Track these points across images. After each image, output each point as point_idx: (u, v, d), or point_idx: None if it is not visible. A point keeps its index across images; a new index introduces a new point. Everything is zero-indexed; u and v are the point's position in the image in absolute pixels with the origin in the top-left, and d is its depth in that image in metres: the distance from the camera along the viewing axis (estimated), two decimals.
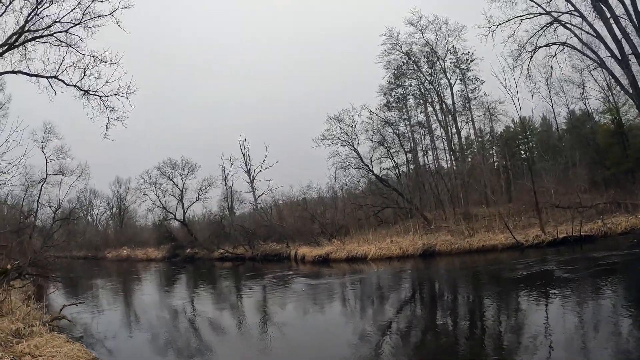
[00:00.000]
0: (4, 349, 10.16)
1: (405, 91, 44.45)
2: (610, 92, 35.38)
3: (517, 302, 15.05)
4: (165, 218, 56.80)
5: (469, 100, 42.63)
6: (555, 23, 30.09)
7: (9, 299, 14.85)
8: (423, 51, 41.93)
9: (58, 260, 26.97)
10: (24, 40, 18.76)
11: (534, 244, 25.59)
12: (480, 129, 45.18)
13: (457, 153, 42.30)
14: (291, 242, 40.19)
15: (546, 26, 30.21)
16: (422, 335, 12.67)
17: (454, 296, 18.08)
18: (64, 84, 19.65)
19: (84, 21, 19.13)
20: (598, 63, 30.10)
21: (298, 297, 21.14)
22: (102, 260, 63.31)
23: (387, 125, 42.59)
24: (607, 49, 28.70)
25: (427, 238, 30.74)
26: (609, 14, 27.82)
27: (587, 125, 39.75)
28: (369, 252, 30.97)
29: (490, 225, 30.00)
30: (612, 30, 27.84)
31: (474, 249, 27.40)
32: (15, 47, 18.67)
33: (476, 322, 13.26)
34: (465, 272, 23.21)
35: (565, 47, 30.67)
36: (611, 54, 28.57)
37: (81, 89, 19.95)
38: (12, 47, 18.51)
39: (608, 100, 36.28)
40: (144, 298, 27.24)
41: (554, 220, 27.62)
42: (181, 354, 13.23)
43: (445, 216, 35.42)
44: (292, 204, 48.74)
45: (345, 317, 16.34)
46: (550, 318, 12.12)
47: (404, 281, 23.22)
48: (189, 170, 54.83)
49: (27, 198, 38.41)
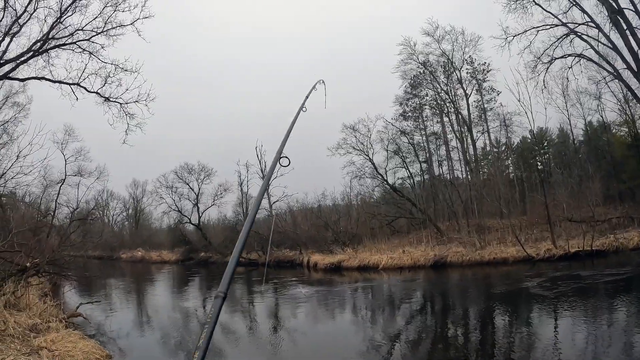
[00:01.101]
0: (22, 343, 10.55)
1: (421, 101, 44.70)
2: (627, 104, 35.30)
3: (527, 316, 15.17)
4: (181, 221, 57.45)
5: (484, 111, 42.76)
6: (572, 34, 30.07)
7: (27, 295, 15.29)
8: (440, 61, 42.20)
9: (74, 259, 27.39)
10: (47, 47, 19.28)
11: (545, 257, 25.59)
12: (496, 140, 45.23)
13: (472, 164, 42.32)
14: (304, 249, 40.39)
15: (562, 37, 30.22)
16: (431, 347, 12.86)
17: (463, 308, 18.21)
18: (85, 91, 20.24)
19: (106, 30, 19.66)
20: (614, 75, 30.11)
21: (309, 304, 21.37)
22: (116, 260, 63.87)
23: (403, 135, 42.88)
24: (624, 60, 28.72)
25: (439, 249, 30.84)
26: (625, 25, 27.86)
27: (603, 137, 39.63)
28: (380, 261, 31.11)
29: (503, 237, 30.03)
30: (629, 42, 27.85)
31: (485, 261, 27.47)
32: (39, 54, 19.20)
33: (485, 335, 13.45)
34: (475, 284, 23.36)
35: (582, 59, 30.66)
36: (627, 65, 28.57)
37: (102, 95, 20.49)
38: (36, 53, 19.04)
39: (624, 113, 36.22)
40: (156, 299, 27.67)
41: (567, 234, 27.55)
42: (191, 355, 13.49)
43: (458, 227, 35.48)
44: (306, 211, 48.91)
45: (355, 325, 16.54)
46: (560, 333, 12.27)
47: (415, 291, 23.38)
48: (205, 175, 55.45)
49: (46, 197, 39.00)
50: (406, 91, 44.32)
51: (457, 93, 42.86)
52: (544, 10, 30.21)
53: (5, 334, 10.78)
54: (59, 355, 9.62)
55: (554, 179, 38.95)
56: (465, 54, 41.63)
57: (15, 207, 34.28)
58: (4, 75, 19.05)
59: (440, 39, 41.10)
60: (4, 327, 11.24)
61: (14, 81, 35.07)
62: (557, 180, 36.72)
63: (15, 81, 35.04)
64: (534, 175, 44.50)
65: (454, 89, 42.86)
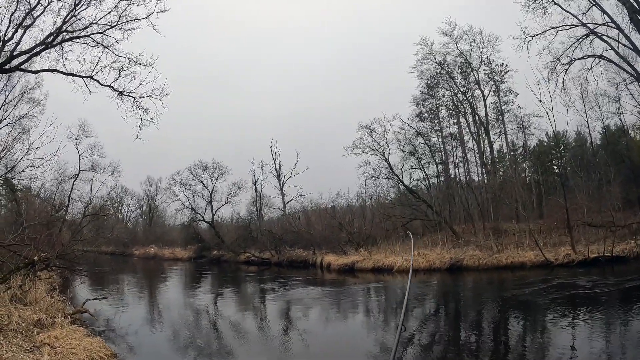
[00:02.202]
0: (24, 338, 10.35)
1: (438, 102, 44.21)
2: None
3: (544, 323, 14.65)
4: (194, 219, 57.23)
5: (502, 112, 42.12)
6: (592, 35, 29.27)
7: (34, 289, 15.11)
8: (457, 62, 41.66)
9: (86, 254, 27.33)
10: (61, 40, 19.08)
11: (564, 263, 24.98)
12: (513, 143, 44.57)
13: (488, 166, 41.75)
14: (318, 250, 40.04)
15: (582, 38, 29.40)
16: (443, 350, 12.51)
17: (480, 313, 17.72)
18: (98, 84, 20.00)
19: (120, 24, 19.40)
20: (634, 77, 29.36)
21: (321, 305, 21.06)
22: (129, 257, 64.23)
23: (419, 136, 42.35)
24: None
25: (455, 252, 30.31)
26: None
27: (622, 141, 38.87)
28: (395, 263, 30.61)
29: (520, 241, 29.45)
30: None
31: (502, 265, 26.88)
32: (52, 47, 19.00)
33: (498, 342, 13.01)
34: (493, 289, 22.82)
35: (602, 60, 29.90)
36: None
37: (116, 89, 20.26)
38: (49, 46, 18.84)
39: None
40: (168, 296, 27.55)
41: (586, 239, 26.90)
42: (201, 353, 13.31)
43: (475, 230, 34.92)
44: (320, 212, 48.59)
45: (367, 327, 16.27)
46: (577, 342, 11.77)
47: (430, 295, 22.94)
48: (219, 173, 55.14)
49: (59, 192, 39.21)
50: (422, 92, 43.94)
51: (474, 94, 42.34)
52: (563, 10, 29.45)
53: (8, 329, 10.54)
54: (61, 353, 9.33)
55: (572, 183, 38.22)
56: (482, 55, 41.10)
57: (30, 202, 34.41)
58: (17, 67, 18.86)
59: (458, 39, 40.63)
60: (8, 321, 11.01)
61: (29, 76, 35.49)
62: (576, 184, 35.96)
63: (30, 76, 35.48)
64: (551, 178, 43.82)
65: (471, 90, 42.33)
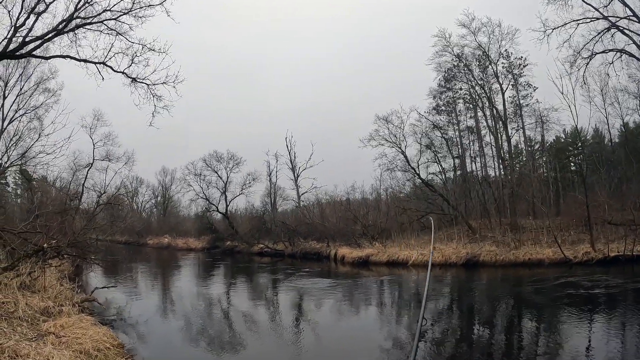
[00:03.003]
0: (30, 326, 10.18)
1: (455, 95, 43.61)
2: None
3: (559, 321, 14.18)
4: (208, 209, 57.28)
5: (520, 107, 41.41)
6: (613, 28, 28.50)
7: (43, 276, 14.98)
8: (475, 54, 40.92)
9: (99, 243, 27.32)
10: (74, 26, 18.85)
11: (583, 261, 24.46)
12: (529, 139, 43.84)
13: (506, 161, 41.15)
14: (332, 242, 39.81)
15: (603, 32, 28.60)
16: (456, 347, 12.22)
17: (495, 310, 17.34)
18: (112, 70, 19.75)
19: (134, 10, 19.12)
20: None
21: (334, 298, 20.87)
22: (143, 246, 64.77)
23: (436, 129, 41.80)
24: None
25: (471, 247, 29.89)
26: None
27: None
28: (410, 257, 30.29)
29: (537, 238, 28.94)
30: None
31: (519, 261, 26.38)
32: (65, 33, 18.78)
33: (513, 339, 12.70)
34: (509, 286, 22.35)
35: (623, 54, 29.17)
36: None
37: (129, 76, 20.01)
38: (62, 32, 18.62)
39: None
40: (180, 286, 27.51)
41: (605, 237, 26.24)
42: (212, 344, 13.23)
43: (491, 226, 34.46)
44: (335, 204, 48.43)
45: (380, 322, 16.00)
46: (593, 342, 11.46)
47: (446, 290, 22.56)
48: (234, 164, 55.17)
49: (74, 182, 39.51)
50: (440, 84, 43.33)
51: (493, 87, 41.64)
52: (584, 3, 28.75)
53: (14, 316, 10.35)
54: (66, 342, 9.10)
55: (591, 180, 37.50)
56: (501, 47, 40.28)
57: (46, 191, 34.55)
58: (29, 53, 18.67)
59: (476, 31, 39.82)
60: (14, 308, 10.83)
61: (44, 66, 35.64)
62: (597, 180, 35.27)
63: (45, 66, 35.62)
64: (569, 175, 43.13)
65: (489, 84, 41.65)
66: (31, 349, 7.95)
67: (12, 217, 23.83)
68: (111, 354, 9.36)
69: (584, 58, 29.58)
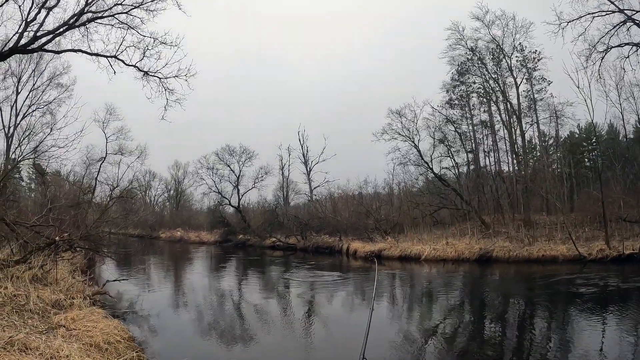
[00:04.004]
0: (41, 319, 10.20)
1: (468, 89, 43.31)
2: None
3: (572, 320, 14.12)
4: (220, 203, 57.64)
5: (534, 101, 41.02)
6: (629, 22, 28.07)
7: (55, 269, 15.04)
8: (489, 47, 40.60)
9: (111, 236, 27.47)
10: (85, 20, 18.84)
11: (597, 258, 24.17)
12: (543, 134, 43.43)
13: (520, 156, 40.81)
14: (344, 236, 39.78)
15: (619, 25, 28.01)
16: (467, 344, 12.05)
17: (507, 307, 17.12)
18: (123, 64, 19.72)
19: (145, 3, 19.06)
20: None
21: (346, 292, 20.81)
22: (155, 239, 65.17)
23: (449, 123, 41.53)
24: None
25: (485, 243, 29.68)
26: None
27: None
28: (422, 252, 30.20)
29: (551, 234, 28.69)
30: None
31: (533, 258, 26.11)
32: (76, 27, 18.76)
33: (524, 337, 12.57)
34: (524, 283, 22.01)
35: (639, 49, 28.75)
36: None
37: (140, 69, 19.96)
38: (73, 26, 18.61)
39: None
40: (192, 279, 27.63)
41: (620, 234, 26.00)
42: (223, 337, 13.20)
43: (504, 221, 34.22)
44: (347, 198, 48.24)
45: (391, 317, 15.80)
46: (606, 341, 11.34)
47: (458, 285, 22.42)
48: (246, 158, 55.34)
49: (87, 176, 39.92)
50: (453, 78, 43.06)
51: (507, 81, 41.29)
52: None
53: (25, 309, 10.40)
54: (76, 335, 9.10)
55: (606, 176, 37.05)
56: (515, 41, 39.92)
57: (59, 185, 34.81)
58: (40, 47, 18.70)
59: (490, 24, 39.53)
60: (25, 301, 10.86)
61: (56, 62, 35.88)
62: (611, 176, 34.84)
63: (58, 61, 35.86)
64: (583, 171, 42.69)
65: (503, 77, 41.29)
66: (41, 342, 7.95)
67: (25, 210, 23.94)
68: (121, 347, 9.32)
69: (599, 52, 29.03)
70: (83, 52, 19.03)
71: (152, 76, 19.95)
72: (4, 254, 15.04)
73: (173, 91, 20.36)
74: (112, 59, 19.38)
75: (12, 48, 17.92)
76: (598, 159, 41.00)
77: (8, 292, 11.13)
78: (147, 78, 20.00)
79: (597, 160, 41.11)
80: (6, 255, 14.90)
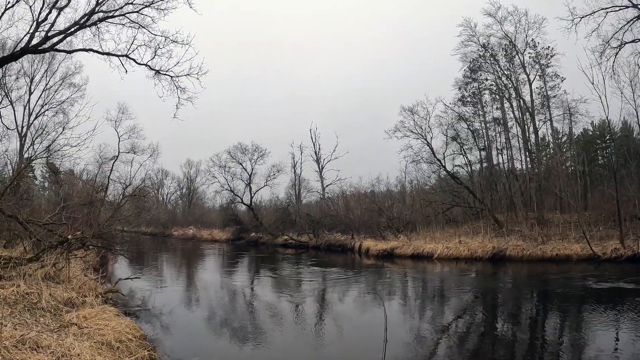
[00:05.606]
0: (53, 317, 10.20)
1: (480, 85, 43.05)
2: None
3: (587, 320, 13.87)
4: (233, 201, 57.82)
5: (547, 98, 40.68)
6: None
7: (68, 267, 15.08)
8: (501, 44, 40.42)
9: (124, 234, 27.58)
10: (96, 20, 18.92)
11: (612, 257, 23.94)
12: (556, 131, 43.06)
13: (533, 154, 40.50)
14: (356, 234, 39.74)
15: (633, 20, 27.73)
16: (479, 343, 11.96)
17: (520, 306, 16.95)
18: (135, 63, 19.87)
19: (156, 2, 19.10)
20: None
21: (358, 290, 20.75)
22: (168, 237, 65.59)
23: (462, 121, 41.31)
24: None
25: (498, 241, 29.51)
26: None
27: None
28: (435, 250, 30.09)
29: (565, 233, 28.45)
30: None
31: (547, 257, 25.95)
32: (87, 27, 18.87)
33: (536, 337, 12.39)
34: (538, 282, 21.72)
35: None
36: None
37: (152, 68, 20.09)
38: (84, 26, 18.70)
39: None
40: (204, 277, 27.68)
41: (634, 233, 25.66)
42: (235, 336, 13.15)
43: (518, 220, 33.98)
44: (359, 196, 48.21)
45: (404, 316, 15.71)
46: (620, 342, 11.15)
47: (471, 284, 22.20)
48: (258, 156, 55.68)
49: (100, 174, 40.26)
50: (465, 75, 42.89)
51: (519, 78, 41.03)
52: None
53: (37, 307, 10.42)
54: (88, 333, 9.09)
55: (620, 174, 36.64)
56: (528, 37, 39.68)
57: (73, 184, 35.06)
58: (52, 47, 18.79)
59: (503, 20, 39.40)
60: (37, 299, 10.88)
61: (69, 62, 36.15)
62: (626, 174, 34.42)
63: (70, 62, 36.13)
64: (597, 169, 42.28)
65: (516, 74, 41.04)
66: (52, 340, 7.94)
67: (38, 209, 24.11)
68: (133, 345, 9.31)
69: (613, 48, 28.74)
70: (95, 51, 19.14)
71: (163, 75, 20.08)
72: (17, 252, 15.15)
73: (185, 89, 20.49)
74: (124, 58, 19.51)
75: (24, 48, 18.04)
76: (612, 157, 40.54)
77: (20, 290, 11.15)
78: (158, 77, 20.13)
79: (612, 158, 40.65)
80: (19, 253, 15.00)
